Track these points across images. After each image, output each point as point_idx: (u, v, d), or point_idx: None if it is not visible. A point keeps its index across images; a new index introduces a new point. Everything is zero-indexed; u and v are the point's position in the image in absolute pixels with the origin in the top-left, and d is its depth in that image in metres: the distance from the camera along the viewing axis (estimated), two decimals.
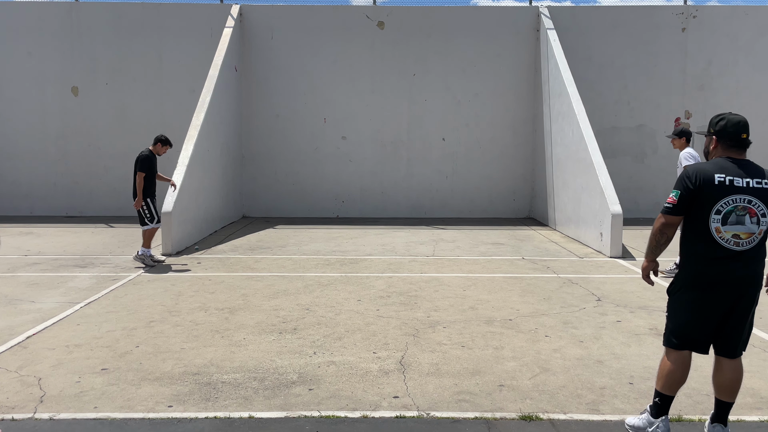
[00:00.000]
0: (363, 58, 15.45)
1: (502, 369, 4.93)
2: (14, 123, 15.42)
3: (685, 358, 3.64)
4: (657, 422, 3.69)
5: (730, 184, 3.47)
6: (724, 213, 3.45)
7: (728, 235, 3.45)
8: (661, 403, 3.70)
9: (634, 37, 15.35)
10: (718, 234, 3.46)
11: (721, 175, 3.50)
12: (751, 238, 3.46)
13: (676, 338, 3.65)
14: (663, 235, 3.63)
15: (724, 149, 3.66)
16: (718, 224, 3.46)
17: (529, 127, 15.57)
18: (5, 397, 4.34)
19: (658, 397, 3.70)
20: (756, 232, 3.46)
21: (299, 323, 6.17)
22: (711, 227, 3.47)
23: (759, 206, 3.45)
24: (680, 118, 15.46)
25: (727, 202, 3.45)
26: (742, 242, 3.45)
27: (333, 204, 15.66)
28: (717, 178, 3.49)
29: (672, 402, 3.72)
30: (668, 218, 3.59)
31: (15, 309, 6.73)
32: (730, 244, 3.45)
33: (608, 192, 10.56)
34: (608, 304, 6.97)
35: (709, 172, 3.52)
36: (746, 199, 3.44)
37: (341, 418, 4.03)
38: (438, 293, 7.45)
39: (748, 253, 3.47)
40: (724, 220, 3.45)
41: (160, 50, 15.36)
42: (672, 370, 3.63)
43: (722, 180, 3.48)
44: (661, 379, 3.68)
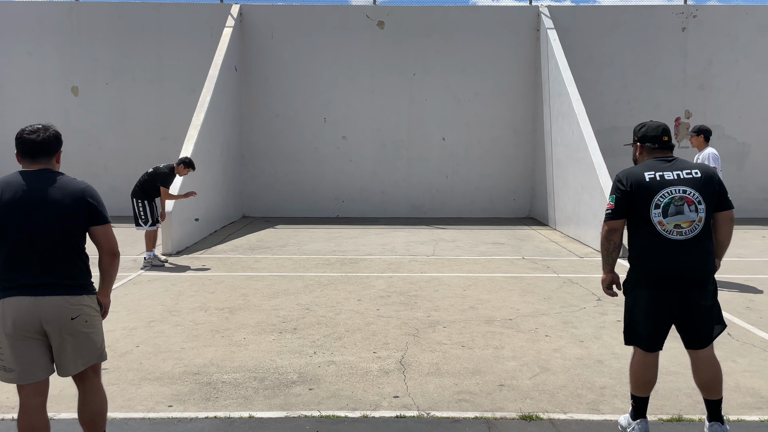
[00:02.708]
0: (363, 58, 15.45)
1: (502, 369, 4.93)
2: (14, 123, 15.38)
3: (647, 357, 3.67)
4: (633, 424, 3.74)
5: (661, 178, 3.57)
6: (662, 206, 3.53)
7: (670, 226, 3.51)
8: (636, 405, 3.75)
9: (634, 36, 15.34)
10: (662, 227, 3.53)
11: (651, 173, 3.61)
12: (692, 227, 3.51)
13: (629, 336, 3.73)
14: (610, 242, 3.74)
15: (648, 153, 3.78)
16: (660, 218, 3.53)
17: (529, 126, 15.57)
18: (5, 397, 4.34)
19: (632, 399, 3.77)
20: (696, 219, 3.52)
21: (299, 323, 6.18)
22: (654, 222, 3.54)
23: (694, 194, 3.53)
24: (680, 118, 15.46)
25: (663, 195, 3.53)
26: (684, 230, 3.51)
27: (333, 204, 15.66)
28: (647, 176, 3.60)
29: (647, 404, 3.75)
30: (610, 224, 3.71)
31: None
32: (673, 235, 3.51)
33: (608, 192, 10.56)
34: (608, 304, 6.97)
35: (638, 172, 3.64)
36: (681, 189, 3.53)
37: (341, 418, 4.03)
38: (438, 293, 7.45)
39: (692, 242, 3.51)
40: (665, 213, 3.52)
41: (160, 50, 15.36)
42: (636, 370, 3.70)
43: (653, 176, 3.59)
44: (631, 381, 3.75)
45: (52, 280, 3.03)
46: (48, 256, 3.04)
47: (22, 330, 3.00)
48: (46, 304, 3.00)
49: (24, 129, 3.14)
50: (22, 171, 3.13)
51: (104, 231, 3.19)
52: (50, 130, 3.19)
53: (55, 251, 3.05)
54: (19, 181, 3.07)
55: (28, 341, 3.03)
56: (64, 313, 3.03)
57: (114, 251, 3.22)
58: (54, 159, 3.21)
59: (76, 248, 3.13)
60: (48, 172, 3.13)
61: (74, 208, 3.08)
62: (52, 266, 3.04)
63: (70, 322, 3.05)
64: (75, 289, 3.10)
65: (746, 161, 15.24)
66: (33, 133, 3.13)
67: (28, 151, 3.12)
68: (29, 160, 3.14)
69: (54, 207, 3.04)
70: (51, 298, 3.01)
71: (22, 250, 3.01)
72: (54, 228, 3.04)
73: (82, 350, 3.13)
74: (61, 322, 3.03)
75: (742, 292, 7.56)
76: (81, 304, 3.10)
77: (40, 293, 3.00)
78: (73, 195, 3.10)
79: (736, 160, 15.23)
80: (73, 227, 3.10)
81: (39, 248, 3.02)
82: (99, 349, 3.24)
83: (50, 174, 3.12)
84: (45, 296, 3.01)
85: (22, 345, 3.02)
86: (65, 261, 3.08)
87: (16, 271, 3.01)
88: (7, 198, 3.02)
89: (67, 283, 3.07)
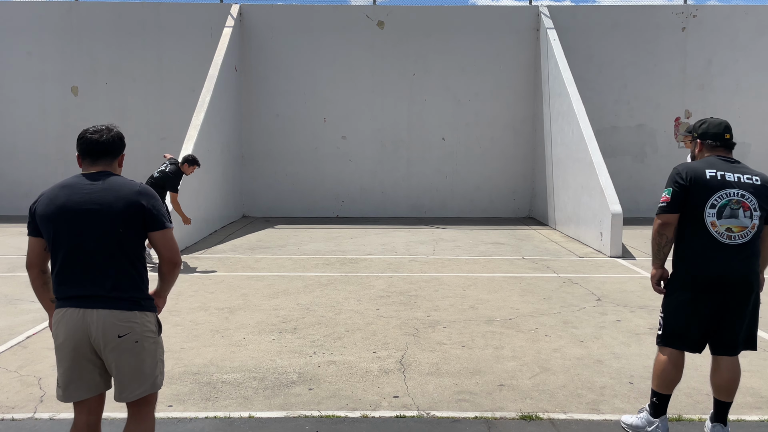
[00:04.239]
0: (363, 58, 15.45)
1: (502, 369, 4.93)
2: (14, 123, 15.42)
3: (678, 357, 3.64)
4: (656, 422, 3.70)
5: (722, 178, 3.49)
6: (719, 207, 3.46)
7: (722, 229, 3.45)
8: (659, 402, 3.70)
9: (634, 36, 15.34)
10: (714, 228, 3.46)
11: (712, 170, 3.52)
12: (743, 232, 3.45)
13: (670, 338, 3.64)
14: (662, 236, 3.61)
15: (709, 150, 3.69)
16: (713, 218, 3.46)
17: (529, 126, 15.57)
18: (5, 397, 4.34)
19: (654, 396, 3.71)
20: (749, 226, 3.46)
21: (299, 323, 6.17)
22: (707, 221, 3.47)
23: (752, 201, 3.46)
24: (680, 118, 15.46)
25: (721, 195, 3.46)
26: (734, 236, 3.45)
27: (333, 204, 15.65)
28: (708, 173, 3.51)
29: (669, 401, 3.73)
30: (664, 217, 3.58)
31: (15, 309, 6.73)
32: (723, 238, 3.45)
33: (608, 192, 10.56)
34: (608, 304, 6.97)
35: (699, 168, 3.54)
36: (739, 193, 3.46)
37: (341, 418, 4.03)
38: (438, 293, 7.45)
39: (741, 248, 3.45)
40: (719, 214, 3.46)
41: (160, 50, 15.36)
42: (665, 369, 3.64)
43: (713, 174, 3.50)
44: (656, 378, 3.69)
45: (102, 292, 2.77)
46: (99, 266, 2.78)
47: (72, 345, 2.77)
48: (93, 319, 2.75)
49: (87, 129, 2.93)
50: (82, 174, 2.92)
51: (163, 237, 2.89)
52: (114, 130, 2.97)
53: (107, 260, 2.79)
54: (76, 183, 2.86)
55: (78, 357, 2.79)
56: (111, 330, 2.76)
57: (174, 260, 2.94)
58: (116, 162, 2.98)
59: (130, 257, 2.84)
60: (105, 174, 2.89)
61: (128, 212, 2.80)
62: (103, 277, 2.78)
63: (117, 340, 2.76)
64: (125, 303, 2.80)
65: (746, 161, 15.11)
66: (96, 132, 2.91)
67: (88, 151, 2.90)
68: (90, 162, 2.91)
69: (106, 212, 2.77)
70: (98, 312, 2.76)
71: (74, 259, 2.78)
72: (106, 235, 2.78)
73: (130, 375, 2.82)
74: (107, 339, 2.76)
75: None
76: (131, 321, 2.79)
77: (88, 305, 2.76)
78: (127, 198, 2.81)
79: None
80: (128, 234, 2.81)
81: (90, 257, 2.78)
82: (149, 377, 2.87)
83: (106, 176, 2.88)
84: (92, 309, 2.76)
85: (72, 360, 2.80)
86: (117, 271, 2.80)
87: (66, 282, 2.80)
88: (61, 202, 2.81)
89: (117, 296, 2.78)
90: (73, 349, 2.79)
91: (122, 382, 2.84)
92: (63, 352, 2.81)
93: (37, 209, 2.87)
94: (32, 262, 2.92)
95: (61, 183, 2.93)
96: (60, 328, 2.80)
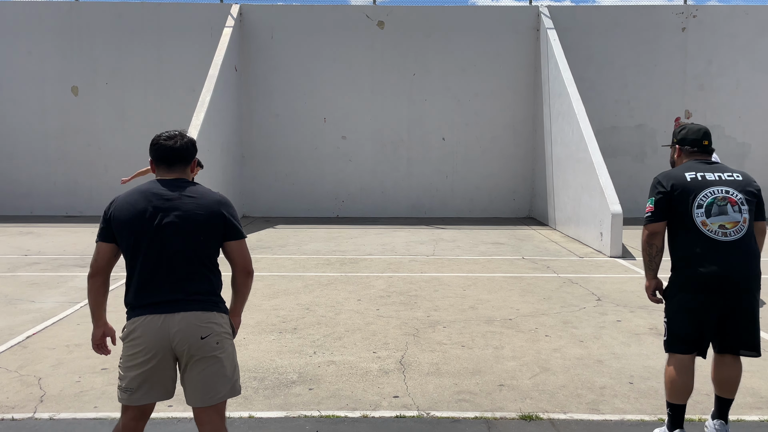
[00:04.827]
0: (363, 58, 15.45)
1: (502, 369, 4.93)
2: (14, 123, 15.42)
3: (688, 363, 3.56)
4: None
5: (702, 178, 3.52)
6: (705, 205, 3.46)
7: (715, 227, 3.44)
8: (673, 413, 3.59)
9: (634, 36, 15.34)
10: (705, 227, 3.45)
11: (691, 173, 3.55)
12: (736, 227, 3.44)
13: (675, 342, 3.59)
14: (652, 246, 3.61)
15: (687, 156, 3.72)
16: (702, 218, 3.46)
17: (529, 126, 15.57)
18: (5, 397, 4.34)
19: (668, 407, 3.61)
20: (740, 220, 3.45)
21: (299, 323, 6.17)
22: (696, 222, 3.46)
23: (737, 195, 3.47)
24: (680, 118, 15.45)
25: (706, 195, 3.47)
26: (729, 231, 3.44)
27: (333, 203, 15.65)
28: (688, 176, 3.54)
29: (684, 412, 3.60)
30: (651, 227, 3.60)
31: (15, 309, 6.73)
32: (718, 236, 3.43)
33: (608, 192, 10.56)
34: (608, 304, 6.97)
35: (678, 173, 3.58)
36: (723, 190, 3.48)
37: (341, 418, 4.03)
38: (438, 293, 7.45)
39: (738, 244, 3.43)
40: (708, 213, 3.46)
41: (160, 50, 15.36)
42: (675, 377, 3.55)
43: (694, 176, 3.53)
44: (667, 389, 3.60)
45: (182, 297, 2.78)
46: (180, 272, 2.81)
47: (153, 352, 2.76)
48: (175, 322, 2.75)
49: (160, 135, 2.95)
50: (158, 180, 2.92)
51: (239, 247, 2.93)
52: (186, 137, 2.97)
53: (188, 267, 2.82)
54: (155, 190, 2.85)
55: (158, 363, 2.78)
56: (193, 332, 2.76)
57: (248, 269, 2.97)
58: (189, 168, 2.99)
59: (209, 264, 2.89)
60: (184, 181, 2.91)
61: (210, 221, 2.84)
62: (184, 283, 2.80)
63: (199, 342, 2.76)
64: (205, 304, 2.82)
65: (746, 161, 15.21)
66: (170, 139, 2.92)
67: (164, 158, 2.91)
68: (165, 168, 2.93)
69: (188, 220, 2.81)
70: (180, 315, 2.76)
71: (155, 266, 2.80)
72: (188, 242, 2.81)
73: (211, 378, 2.80)
74: (191, 341, 2.76)
75: None
76: (211, 321, 2.82)
77: (169, 310, 2.76)
78: (209, 207, 2.85)
79: (736, 160, 15.19)
80: (208, 242, 2.85)
81: (171, 263, 2.80)
82: (231, 379, 2.87)
83: (186, 184, 2.90)
84: (174, 313, 2.76)
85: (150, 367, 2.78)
86: (199, 277, 2.84)
87: (146, 288, 2.79)
88: (141, 208, 2.81)
89: (197, 298, 2.81)
90: (154, 356, 2.78)
91: (207, 384, 2.81)
92: (140, 359, 2.79)
93: (115, 214, 2.85)
94: (101, 268, 2.89)
95: (140, 188, 2.91)
96: (139, 334, 2.78)
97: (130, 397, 2.83)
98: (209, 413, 2.84)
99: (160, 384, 2.84)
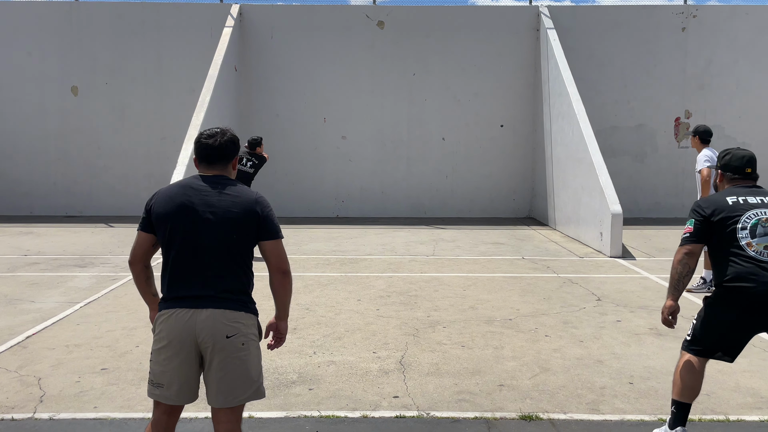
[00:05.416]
0: (363, 58, 15.45)
1: (502, 369, 4.93)
2: (14, 123, 15.41)
3: (697, 364, 3.57)
4: None
5: (744, 202, 3.53)
6: (749, 227, 3.46)
7: (760, 248, 3.43)
8: (677, 411, 3.61)
9: (635, 36, 15.34)
10: (751, 248, 3.44)
11: (733, 197, 3.57)
12: None
13: (693, 343, 3.60)
14: (685, 265, 3.57)
15: (729, 182, 3.74)
16: (747, 239, 3.45)
17: (529, 126, 15.56)
18: (5, 397, 4.34)
19: (673, 405, 3.63)
20: None
21: (299, 323, 6.17)
22: (742, 243, 3.45)
23: None
24: (680, 118, 15.46)
25: (749, 216, 3.48)
26: None
27: (333, 203, 15.65)
28: (730, 200, 3.55)
29: (688, 412, 3.62)
30: (688, 247, 3.57)
31: (15, 309, 6.73)
32: (763, 256, 3.42)
33: (608, 192, 10.56)
34: (608, 304, 6.97)
35: (719, 198, 3.60)
36: (766, 212, 3.48)
37: (341, 418, 4.03)
38: (438, 293, 7.45)
39: None
40: (752, 234, 3.45)
41: (159, 50, 15.36)
42: (684, 375, 3.57)
43: (735, 200, 3.54)
44: (676, 386, 3.61)
45: (212, 293, 2.80)
46: (212, 268, 2.83)
47: (179, 346, 2.78)
48: (201, 319, 2.76)
49: (202, 133, 3.03)
50: (199, 175, 2.98)
51: (275, 246, 2.95)
52: (228, 134, 3.03)
53: (221, 263, 2.84)
54: (195, 185, 2.91)
55: (185, 358, 2.80)
56: (219, 330, 2.77)
57: (284, 268, 2.99)
58: (230, 165, 3.04)
59: (241, 262, 2.91)
60: (223, 179, 2.96)
61: (245, 219, 2.87)
62: (215, 279, 2.82)
63: (225, 340, 2.77)
64: (233, 303, 2.84)
65: None
66: (211, 137, 2.99)
67: (205, 156, 2.98)
68: (206, 165, 2.99)
69: (224, 217, 2.84)
70: (208, 312, 2.78)
71: (187, 260, 2.83)
72: (221, 239, 2.83)
73: (234, 380, 2.81)
74: (216, 339, 2.77)
75: None
76: (238, 321, 2.83)
77: (198, 305, 2.78)
78: (245, 205, 2.88)
79: None
80: (242, 239, 2.88)
81: (204, 259, 2.82)
82: (255, 382, 2.88)
83: (225, 181, 2.95)
84: (202, 309, 2.77)
85: (179, 362, 2.80)
86: (230, 275, 2.86)
87: (178, 282, 2.83)
88: (180, 200, 2.86)
89: (226, 296, 2.82)
90: (179, 351, 2.80)
91: (229, 385, 2.81)
92: (168, 353, 2.81)
93: (154, 207, 2.90)
94: (138, 257, 2.95)
95: (180, 182, 2.97)
96: (166, 328, 2.80)
97: (161, 394, 2.86)
98: (228, 414, 2.85)
99: (187, 385, 2.85)
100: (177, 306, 2.80)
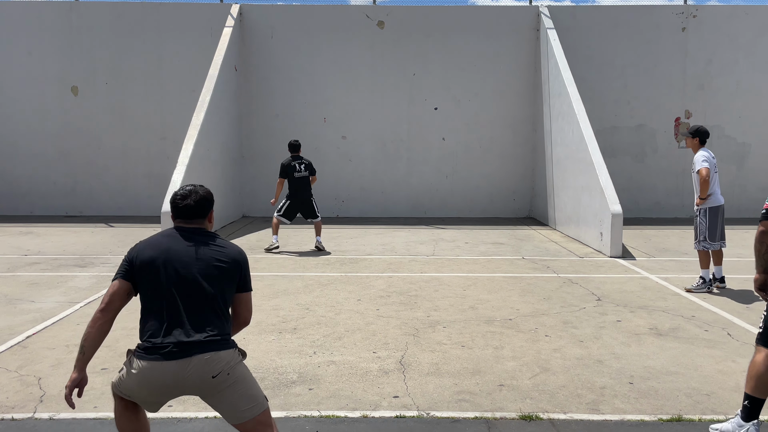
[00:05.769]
0: (363, 58, 15.45)
1: (502, 369, 4.93)
2: (14, 123, 15.41)
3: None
4: (748, 426, 3.58)
5: None
6: None
7: None
8: (751, 406, 3.58)
9: (635, 36, 15.34)
10: None
11: None
12: None
13: None
14: (763, 243, 3.56)
15: None
16: None
17: (529, 126, 15.56)
18: (5, 396, 4.34)
19: (747, 399, 3.59)
20: None
21: (299, 323, 6.17)
22: None
23: None
24: (680, 118, 15.46)
25: None
26: None
27: (333, 203, 15.64)
28: None
29: (763, 405, 3.58)
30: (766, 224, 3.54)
31: (15, 309, 6.73)
32: None
33: (608, 192, 10.56)
34: (608, 304, 6.97)
35: None
36: None
37: (341, 418, 4.03)
38: (438, 293, 7.45)
39: None
40: None
41: (159, 50, 15.35)
42: (762, 372, 3.53)
43: None
44: (751, 381, 3.58)
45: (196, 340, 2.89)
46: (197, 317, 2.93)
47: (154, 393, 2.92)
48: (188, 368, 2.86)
49: (176, 194, 3.11)
50: (179, 227, 3.10)
51: (248, 299, 3.17)
52: (200, 192, 3.12)
53: (205, 311, 2.95)
54: (178, 237, 3.04)
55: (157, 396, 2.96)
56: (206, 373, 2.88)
57: (248, 321, 3.21)
58: (207, 219, 3.17)
59: (225, 310, 3.04)
60: (204, 231, 3.10)
61: (232, 270, 3.04)
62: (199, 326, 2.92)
63: (211, 381, 2.90)
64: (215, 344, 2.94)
65: (746, 161, 15.23)
66: (184, 198, 3.09)
67: (182, 215, 3.10)
68: (182, 222, 3.12)
69: (210, 266, 2.98)
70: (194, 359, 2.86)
71: (171, 307, 2.92)
72: (207, 288, 2.96)
73: (236, 402, 2.96)
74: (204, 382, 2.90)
75: (742, 292, 7.56)
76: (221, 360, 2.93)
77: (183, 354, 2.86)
78: (232, 256, 3.06)
79: (735, 160, 15.23)
80: (226, 289, 3.03)
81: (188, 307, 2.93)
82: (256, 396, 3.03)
83: (206, 233, 3.11)
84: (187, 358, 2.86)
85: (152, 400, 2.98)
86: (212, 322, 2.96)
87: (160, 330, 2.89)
88: (164, 248, 2.99)
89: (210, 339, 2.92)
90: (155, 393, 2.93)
91: (233, 407, 2.96)
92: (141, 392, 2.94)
93: (139, 255, 3.00)
94: (113, 305, 2.99)
95: (164, 233, 3.10)
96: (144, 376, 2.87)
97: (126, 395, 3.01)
98: (250, 425, 2.99)
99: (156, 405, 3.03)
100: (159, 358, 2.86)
